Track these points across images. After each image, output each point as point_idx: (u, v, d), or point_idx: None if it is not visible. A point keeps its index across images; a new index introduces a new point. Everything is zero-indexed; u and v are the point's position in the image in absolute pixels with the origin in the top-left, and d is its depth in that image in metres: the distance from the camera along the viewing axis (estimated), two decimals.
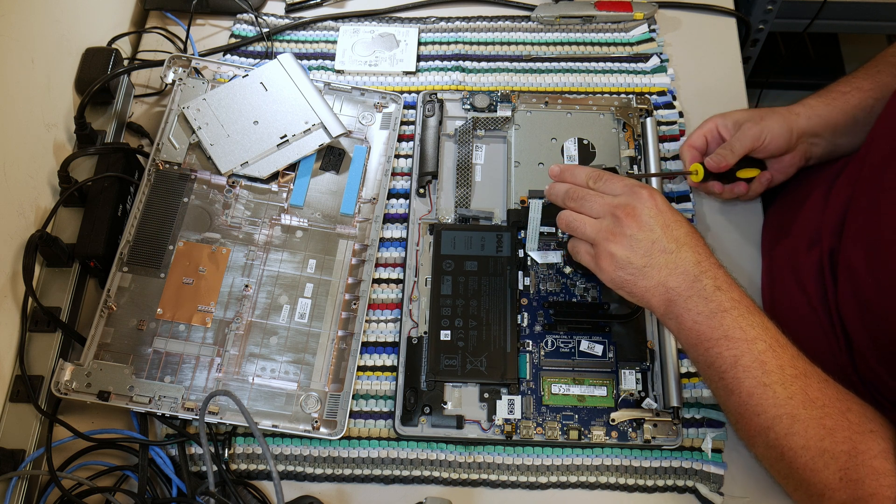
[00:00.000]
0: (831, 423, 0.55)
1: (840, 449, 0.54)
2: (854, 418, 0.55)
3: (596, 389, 0.70)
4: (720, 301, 0.59)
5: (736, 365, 0.58)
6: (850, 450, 0.54)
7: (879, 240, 0.60)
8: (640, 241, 0.61)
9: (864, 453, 0.54)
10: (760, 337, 0.58)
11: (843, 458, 0.54)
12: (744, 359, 0.57)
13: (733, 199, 0.77)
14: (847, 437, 0.54)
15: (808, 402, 0.56)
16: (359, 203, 0.78)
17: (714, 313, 0.59)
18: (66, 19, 0.79)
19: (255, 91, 0.80)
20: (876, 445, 0.54)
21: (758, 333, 0.58)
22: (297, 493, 0.67)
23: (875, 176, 0.62)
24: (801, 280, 0.70)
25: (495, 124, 0.82)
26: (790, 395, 0.56)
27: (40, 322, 0.70)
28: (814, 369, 0.58)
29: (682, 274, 0.60)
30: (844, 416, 0.55)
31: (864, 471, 0.53)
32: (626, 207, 0.62)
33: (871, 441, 0.54)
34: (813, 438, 0.55)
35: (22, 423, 0.67)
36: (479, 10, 0.93)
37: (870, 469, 0.53)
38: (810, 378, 0.57)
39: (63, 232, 0.75)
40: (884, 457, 0.53)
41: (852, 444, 0.54)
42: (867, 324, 0.62)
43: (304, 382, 0.70)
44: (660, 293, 0.61)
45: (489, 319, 0.72)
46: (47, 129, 0.75)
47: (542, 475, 0.68)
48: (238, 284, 0.73)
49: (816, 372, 0.57)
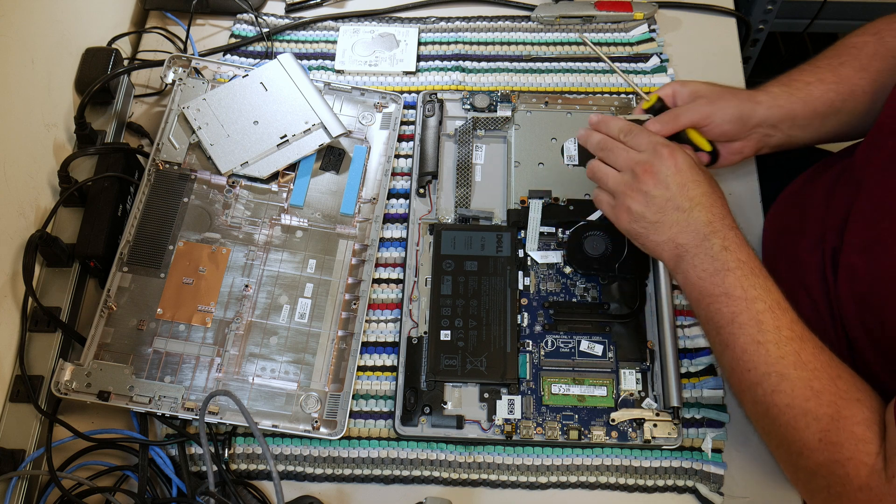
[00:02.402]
0: (819, 385, 0.56)
1: (823, 412, 0.55)
2: (843, 385, 0.56)
3: (596, 389, 0.70)
4: (725, 260, 0.61)
5: (733, 321, 0.60)
6: (834, 413, 0.55)
7: (878, 241, 0.60)
8: (655, 198, 0.63)
9: (847, 419, 0.54)
10: (761, 297, 0.60)
11: (825, 420, 0.55)
12: (741, 316, 0.59)
13: None
14: (832, 401, 0.55)
15: (798, 364, 0.57)
16: (359, 203, 0.78)
17: (718, 272, 0.61)
18: (66, 19, 0.79)
19: (255, 91, 0.80)
20: (860, 413, 0.55)
21: (758, 294, 0.60)
22: (297, 493, 0.67)
23: (877, 178, 0.62)
24: (803, 279, 0.70)
25: (495, 124, 0.82)
26: (782, 354, 0.57)
27: (40, 322, 0.70)
28: (811, 336, 0.59)
29: (692, 232, 0.63)
30: (833, 381, 0.56)
31: (845, 435, 0.54)
32: (646, 164, 0.64)
33: (855, 408, 0.55)
34: (798, 398, 0.56)
35: (22, 423, 0.67)
36: (479, 10, 0.93)
37: (850, 434, 0.54)
38: (805, 342, 0.58)
39: (63, 232, 0.75)
40: (866, 425, 0.54)
41: (836, 409, 0.55)
42: (867, 324, 0.62)
43: (304, 382, 0.70)
44: (669, 248, 0.64)
45: (489, 319, 0.72)
46: (47, 129, 0.75)
47: (542, 475, 0.68)
48: (238, 284, 0.73)
49: (813, 338, 0.59)
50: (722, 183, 0.80)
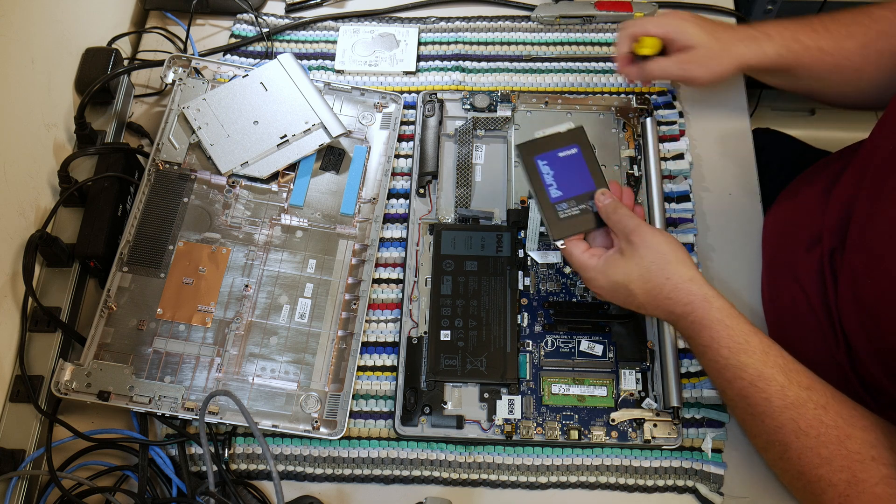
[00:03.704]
0: (827, 452, 0.55)
1: (838, 478, 0.54)
2: (854, 446, 0.54)
3: (596, 389, 0.70)
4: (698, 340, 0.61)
5: (724, 393, 0.61)
6: (850, 479, 0.53)
7: (880, 244, 0.60)
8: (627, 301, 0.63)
9: (865, 482, 0.53)
10: (738, 377, 0.58)
11: (842, 486, 0.54)
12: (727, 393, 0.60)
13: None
14: (845, 465, 0.54)
15: (798, 433, 0.56)
16: (359, 203, 0.78)
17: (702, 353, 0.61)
18: (66, 19, 0.79)
19: (255, 91, 0.80)
20: (877, 472, 0.53)
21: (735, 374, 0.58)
22: (297, 493, 0.67)
23: (878, 179, 0.62)
24: (800, 280, 0.70)
25: (495, 124, 0.82)
26: (779, 425, 0.56)
27: (40, 322, 0.70)
28: (808, 395, 0.56)
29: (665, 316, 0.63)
30: (842, 444, 0.54)
31: (866, 498, 0.53)
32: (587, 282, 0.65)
33: (871, 469, 0.53)
34: (807, 466, 0.55)
35: (22, 423, 0.67)
36: (479, 10, 0.93)
37: (872, 496, 0.53)
38: (803, 407, 0.56)
39: (63, 232, 0.75)
40: (886, 483, 0.53)
41: (851, 473, 0.54)
42: (865, 326, 0.62)
43: (304, 382, 0.70)
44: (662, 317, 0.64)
45: (489, 319, 0.72)
46: (47, 129, 0.75)
47: (542, 475, 0.68)
48: (238, 284, 0.73)
49: (813, 397, 0.56)
50: (722, 182, 0.81)
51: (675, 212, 0.78)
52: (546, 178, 0.67)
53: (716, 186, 0.81)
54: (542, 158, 0.67)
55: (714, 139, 0.83)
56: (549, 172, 0.67)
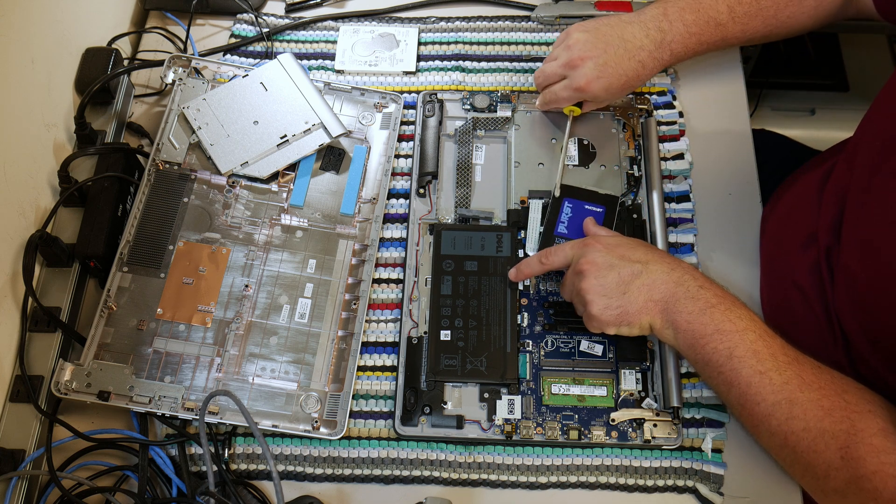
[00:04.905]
0: (829, 403, 0.56)
1: (839, 428, 0.55)
2: (851, 398, 0.56)
3: (596, 389, 0.70)
4: (706, 298, 0.62)
5: (731, 357, 0.60)
6: (849, 428, 0.55)
7: (871, 239, 0.60)
8: (607, 281, 0.64)
9: (863, 431, 0.54)
10: (749, 328, 0.60)
11: (842, 436, 0.55)
12: (738, 350, 0.60)
13: None
14: (845, 416, 0.55)
15: (804, 386, 0.57)
16: (359, 203, 0.78)
17: (704, 310, 0.61)
18: (66, 19, 0.79)
19: (255, 91, 0.80)
20: (874, 423, 0.55)
21: (746, 325, 0.60)
22: (297, 493, 0.67)
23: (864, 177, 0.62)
24: (797, 279, 0.70)
25: (495, 124, 0.82)
26: (786, 380, 0.58)
27: (40, 322, 0.70)
28: (804, 357, 0.60)
29: (661, 284, 0.63)
30: (841, 396, 0.56)
31: (865, 448, 0.54)
32: (579, 264, 0.66)
33: (869, 419, 0.55)
34: (812, 419, 0.56)
35: (22, 423, 0.67)
36: (479, 10, 0.93)
37: (869, 447, 0.54)
38: (803, 364, 0.59)
39: (63, 232, 0.75)
40: (883, 434, 0.54)
41: (851, 423, 0.55)
42: (862, 323, 0.62)
43: (304, 382, 0.70)
44: (652, 309, 0.64)
45: (489, 319, 0.72)
46: (47, 129, 0.75)
47: (542, 475, 0.68)
48: (238, 284, 0.73)
49: (808, 359, 0.60)
50: (722, 182, 0.81)
51: (675, 212, 0.78)
52: (563, 215, 0.75)
53: (716, 186, 0.81)
54: (571, 202, 0.76)
55: (714, 139, 0.83)
56: (569, 214, 0.75)
